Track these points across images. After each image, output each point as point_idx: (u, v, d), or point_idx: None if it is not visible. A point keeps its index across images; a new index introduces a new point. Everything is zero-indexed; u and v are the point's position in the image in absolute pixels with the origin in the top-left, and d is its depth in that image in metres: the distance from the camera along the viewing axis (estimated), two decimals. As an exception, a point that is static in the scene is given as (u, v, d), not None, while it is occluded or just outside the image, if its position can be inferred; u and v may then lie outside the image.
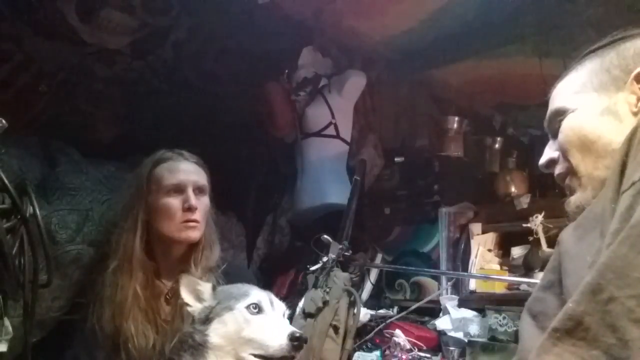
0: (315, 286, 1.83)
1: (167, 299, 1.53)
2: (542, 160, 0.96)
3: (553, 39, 2.05)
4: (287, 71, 2.39)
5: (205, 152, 1.65)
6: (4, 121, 1.12)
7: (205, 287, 1.32)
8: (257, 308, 1.25)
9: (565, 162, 0.89)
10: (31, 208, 1.23)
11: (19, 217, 1.16)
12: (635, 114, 0.81)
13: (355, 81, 2.41)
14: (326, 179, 2.36)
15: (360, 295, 2.08)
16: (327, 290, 1.80)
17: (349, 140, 2.44)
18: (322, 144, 2.40)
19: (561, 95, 0.91)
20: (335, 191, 2.32)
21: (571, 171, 0.88)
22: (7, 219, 1.14)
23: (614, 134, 0.81)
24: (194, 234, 1.51)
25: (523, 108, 2.65)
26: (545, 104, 0.97)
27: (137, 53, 2.11)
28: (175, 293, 1.49)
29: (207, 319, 1.26)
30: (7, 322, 1.14)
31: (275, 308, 1.29)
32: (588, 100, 0.86)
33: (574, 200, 0.88)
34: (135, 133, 2.31)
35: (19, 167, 1.59)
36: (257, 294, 1.29)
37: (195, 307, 1.29)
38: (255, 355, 1.20)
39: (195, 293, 1.31)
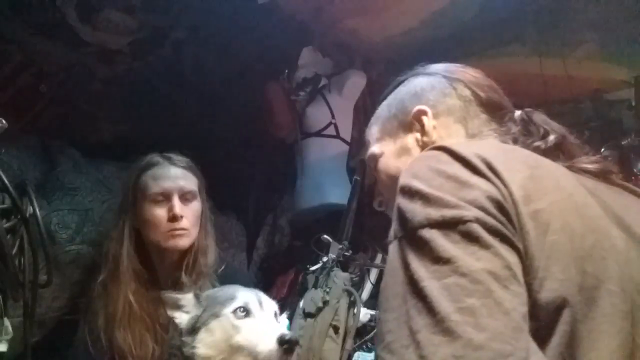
0: (315, 286, 1.83)
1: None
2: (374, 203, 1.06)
3: (553, 39, 2.05)
4: (287, 71, 2.39)
5: (205, 152, 1.65)
6: (4, 121, 1.12)
7: (187, 298, 1.25)
8: (245, 311, 1.18)
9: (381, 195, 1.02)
10: (31, 208, 1.23)
11: (19, 217, 1.16)
12: (421, 147, 0.91)
13: (355, 81, 2.41)
14: (326, 179, 2.35)
15: (360, 295, 2.07)
16: (327, 290, 1.80)
17: (349, 140, 2.44)
18: (322, 144, 2.40)
19: (370, 141, 1.03)
20: (335, 191, 2.32)
21: (388, 204, 0.98)
22: (7, 219, 1.14)
23: None
24: (182, 242, 1.48)
25: (523, 108, 2.65)
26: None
27: (137, 53, 2.10)
28: None
29: (193, 329, 1.20)
30: (7, 322, 1.14)
31: (264, 308, 1.21)
32: (387, 146, 0.98)
33: None
34: (135, 133, 2.31)
35: (19, 167, 1.60)
36: (243, 296, 1.21)
37: (181, 318, 1.23)
38: None
39: (177, 307, 1.25)
